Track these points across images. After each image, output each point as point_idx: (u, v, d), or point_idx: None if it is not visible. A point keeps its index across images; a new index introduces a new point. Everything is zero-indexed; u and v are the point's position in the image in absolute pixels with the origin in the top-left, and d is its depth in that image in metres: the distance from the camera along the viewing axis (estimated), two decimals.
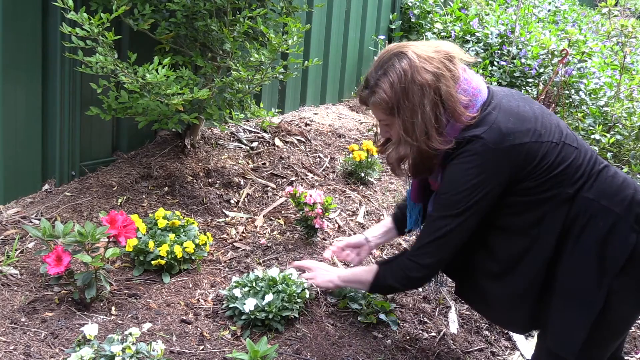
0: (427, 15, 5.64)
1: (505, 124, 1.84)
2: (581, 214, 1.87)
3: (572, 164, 1.87)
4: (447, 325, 2.73)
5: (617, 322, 1.90)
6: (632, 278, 1.84)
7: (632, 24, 4.79)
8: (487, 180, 1.84)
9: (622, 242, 1.82)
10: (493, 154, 1.82)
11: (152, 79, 2.61)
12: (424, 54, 1.84)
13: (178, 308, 2.46)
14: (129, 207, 3.03)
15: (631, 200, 1.84)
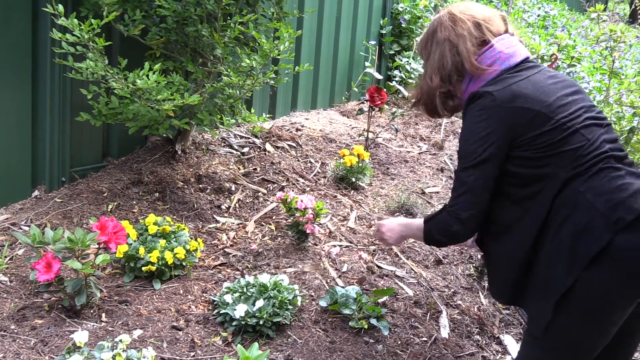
0: (418, 20, 5.66)
1: (521, 88, 1.96)
2: (568, 203, 1.89)
3: (574, 151, 1.90)
4: (439, 330, 2.74)
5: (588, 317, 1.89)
6: (600, 275, 1.84)
7: (620, 28, 4.82)
8: (494, 132, 1.95)
9: (594, 238, 1.83)
10: (500, 109, 1.95)
11: (143, 84, 2.60)
12: (458, 16, 2.12)
13: (169, 314, 2.45)
14: (119, 213, 3.02)
15: (619, 203, 1.84)
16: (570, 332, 1.91)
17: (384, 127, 4.64)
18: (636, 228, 1.81)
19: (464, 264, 3.34)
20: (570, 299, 1.87)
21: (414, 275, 3.07)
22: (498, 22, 2.15)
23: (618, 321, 1.89)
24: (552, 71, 2.10)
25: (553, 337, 1.94)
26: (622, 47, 4.86)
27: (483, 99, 1.98)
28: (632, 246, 1.81)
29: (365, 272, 2.96)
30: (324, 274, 2.86)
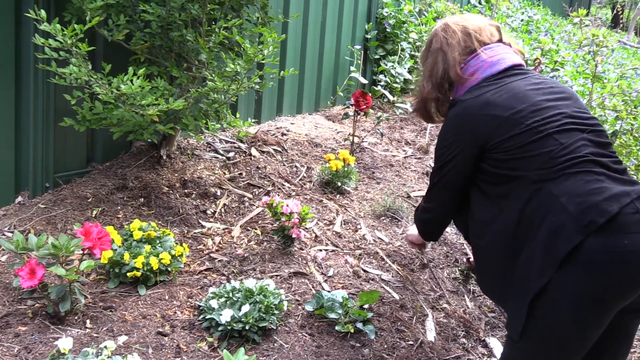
0: (402, 25, 5.68)
1: (493, 96, 2.06)
2: (542, 205, 1.91)
3: (545, 155, 1.93)
4: (425, 334, 2.74)
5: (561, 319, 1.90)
6: (571, 277, 1.85)
7: (603, 33, 4.86)
8: (462, 139, 2.08)
9: (565, 240, 1.84)
10: (470, 117, 2.07)
11: (127, 89, 2.59)
12: (451, 27, 2.27)
13: (154, 320, 2.44)
14: (104, 219, 3.00)
15: (592, 205, 1.84)
16: (545, 334, 1.93)
17: (369, 132, 4.65)
18: (608, 231, 1.82)
19: (450, 267, 3.36)
20: (544, 301, 1.89)
21: (399, 279, 3.08)
22: (490, 32, 2.26)
23: (596, 324, 1.89)
24: (540, 78, 2.15)
25: (530, 339, 1.95)
26: (604, 51, 4.91)
27: (456, 107, 2.13)
28: (603, 249, 1.82)
29: (352, 276, 2.96)
30: (310, 278, 2.86)
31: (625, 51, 8.90)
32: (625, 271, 1.83)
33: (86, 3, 2.74)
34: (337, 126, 4.76)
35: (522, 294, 1.93)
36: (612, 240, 1.82)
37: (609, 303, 1.87)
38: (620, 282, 1.84)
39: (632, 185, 1.92)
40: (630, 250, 1.82)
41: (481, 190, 2.10)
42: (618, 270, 1.83)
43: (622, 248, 1.81)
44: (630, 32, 10.29)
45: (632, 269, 1.83)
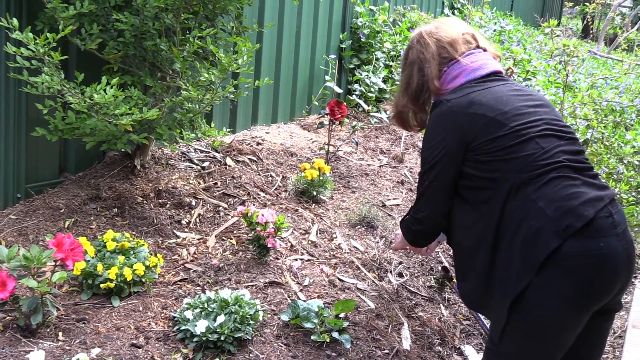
0: (377, 35, 5.72)
1: (479, 97, 2.08)
2: (520, 210, 1.94)
3: (526, 158, 1.96)
4: (400, 342, 2.75)
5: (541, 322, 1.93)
6: (550, 281, 1.88)
7: (573, 43, 4.95)
8: (447, 138, 2.07)
9: (543, 243, 1.87)
10: (455, 115, 2.07)
11: (100, 99, 2.57)
12: (426, 40, 2.27)
13: (128, 332, 2.41)
14: (77, 230, 2.97)
15: (569, 210, 1.88)
16: (524, 338, 1.95)
17: (344, 141, 4.66)
18: (585, 235, 1.86)
19: (425, 275, 3.37)
20: (523, 304, 1.91)
21: (375, 287, 3.08)
22: (465, 41, 2.28)
23: (574, 326, 1.93)
24: (519, 85, 2.20)
25: (510, 342, 1.98)
26: (575, 61, 4.99)
27: (441, 106, 2.12)
28: (581, 252, 1.86)
29: (327, 286, 2.96)
30: (285, 288, 2.86)
31: (596, 61, 9.05)
32: (602, 273, 1.89)
33: (59, 12, 2.71)
34: (313, 135, 4.77)
35: (501, 297, 1.96)
36: (589, 244, 1.87)
37: (587, 305, 1.92)
38: (598, 284, 1.89)
39: (604, 190, 1.98)
40: (605, 252, 1.87)
41: (461, 197, 2.11)
42: (595, 272, 1.88)
43: (598, 251, 1.87)
44: (600, 42, 10.46)
45: (608, 271, 1.89)
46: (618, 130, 5.13)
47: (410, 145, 5.05)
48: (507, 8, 11.73)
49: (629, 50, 10.91)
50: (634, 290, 4.02)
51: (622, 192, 4.40)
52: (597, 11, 13.18)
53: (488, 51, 2.29)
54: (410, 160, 4.75)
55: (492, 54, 2.30)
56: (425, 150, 2.15)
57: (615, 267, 1.90)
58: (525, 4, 13.54)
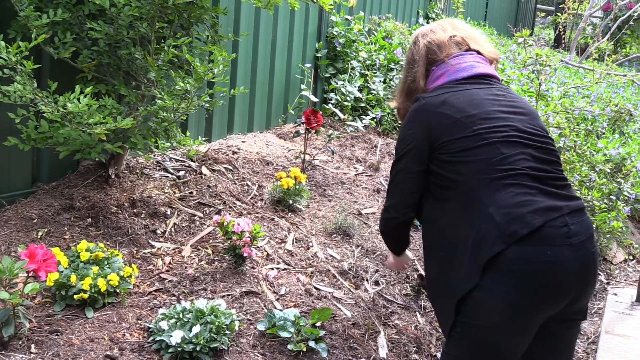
0: (352, 44, 5.75)
1: (451, 97, 2.15)
2: (474, 213, 1.97)
3: (485, 162, 2.00)
4: (377, 351, 2.75)
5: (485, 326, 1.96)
6: (493, 285, 1.91)
7: (546, 53, 5.02)
8: (417, 132, 2.15)
9: (487, 248, 1.91)
10: (426, 112, 2.15)
11: (74, 108, 2.55)
12: (420, 42, 2.37)
13: (102, 343, 2.38)
14: (50, 240, 2.93)
15: (517, 217, 1.90)
16: (471, 339, 1.99)
17: (320, 149, 4.67)
18: (530, 242, 1.89)
19: (401, 283, 3.38)
20: (469, 306, 1.96)
21: (352, 296, 3.08)
22: (456, 44, 2.33)
23: (520, 331, 1.96)
24: (504, 90, 2.22)
25: (457, 345, 2.02)
26: (547, 70, 5.06)
27: (417, 103, 2.21)
28: (524, 259, 1.89)
29: (304, 295, 2.95)
30: (262, 297, 2.85)
31: (568, 70, 9.18)
32: (547, 281, 1.91)
33: (32, 20, 2.69)
34: (289, 144, 4.77)
35: (449, 298, 2.01)
36: (532, 251, 1.90)
37: (530, 312, 1.94)
38: (540, 291, 1.92)
39: (568, 200, 1.99)
40: (552, 261, 1.90)
41: (430, 192, 2.17)
42: (539, 279, 1.90)
43: (543, 259, 1.89)
44: (572, 52, 10.63)
45: (554, 280, 1.91)
46: (590, 139, 5.20)
47: (386, 153, 5.07)
48: (480, 18, 11.87)
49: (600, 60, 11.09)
50: (607, 297, 4.07)
51: (595, 200, 4.46)
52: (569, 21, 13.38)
53: (482, 54, 2.33)
54: (386, 169, 4.77)
55: (486, 56, 2.33)
56: (398, 141, 2.25)
57: (562, 276, 1.91)
58: (499, 14, 13.71)
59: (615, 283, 4.45)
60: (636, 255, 4.95)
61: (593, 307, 4.03)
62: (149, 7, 2.90)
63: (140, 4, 2.86)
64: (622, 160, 5.19)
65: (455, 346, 2.04)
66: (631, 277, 4.59)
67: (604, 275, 4.53)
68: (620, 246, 4.91)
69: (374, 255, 3.52)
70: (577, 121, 5.29)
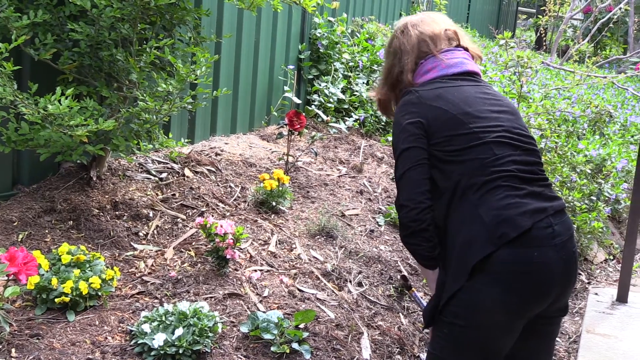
0: (335, 45, 5.76)
1: (447, 93, 2.10)
2: (463, 214, 1.98)
3: (478, 161, 1.98)
4: (360, 352, 2.76)
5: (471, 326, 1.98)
6: (481, 286, 1.93)
7: (527, 55, 5.05)
8: (415, 123, 2.07)
9: (477, 249, 1.92)
10: (421, 105, 2.09)
11: (55, 110, 2.53)
12: (410, 31, 2.27)
13: (84, 347, 2.37)
14: (30, 243, 2.90)
15: (506, 219, 1.92)
16: (457, 338, 2.00)
17: (303, 151, 4.67)
18: (518, 244, 1.91)
19: (384, 284, 3.39)
20: (455, 307, 1.97)
21: (335, 297, 3.09)
22: (447, 38, 2.28)
23: (507, 333, 1.98)
24: (491, 89, 2.21)
25: (443, 344, 2.04)
26: (529, 72, 5.10)
27: (409, 95, 2.14)
28: (512, 260, 1.91)
29: (287, 296, 2.95)
30: (245, 299, 2.84)
31: (549, 72, 9.26)
32: (533, 282, 1.93)
33: (12, 21, 2.67)
34: (272, 146, 4.76)
35: (438, 294, 2.04)
36: (521, 253, 1.91)
37: (518, 312, 1.96)
38: (528, 292, 1.94)
39: (552, 201, 2.01)
40: (538, 262, 1.92)
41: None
42: (526, 281, 1.92)
43: (530, 260, 1.92)
44: (553, 54, 10.72)
45: (540, 280, 1.94)
46: (571, 140, 5.25)
47: (369, 155, 5.08)
48: (463, 20, 11.94)
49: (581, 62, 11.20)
50: (588, 296, 4.11)
51: (575, 200, 4.50)
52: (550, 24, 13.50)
53: (469, 50, 2.31)
54: (369, 170, 4.78)
55: (472, 53, 2.31)
56: (394, 136, 2.13)
57: (548, 277, 1.94)
58: (481, 16, 13.80)
59: (596, 283, 4.49)
60: (616, 255, 5.00)
61: (574, 307, 4.07)
62: (131, 9, 2.88)
63: (122, 5, 2.84)
64: (603, 161, 5.25)
65: (440, 346, 2.05)
66: (612, 277, 4.64)
67: (585, 275, 4.57)
68: (601, 246, 4.96)
69: (357, 256, 3.53)
70: (558, 122, 5.34)
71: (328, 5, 5.63)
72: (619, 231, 5.40)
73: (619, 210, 5.34)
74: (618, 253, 5.00)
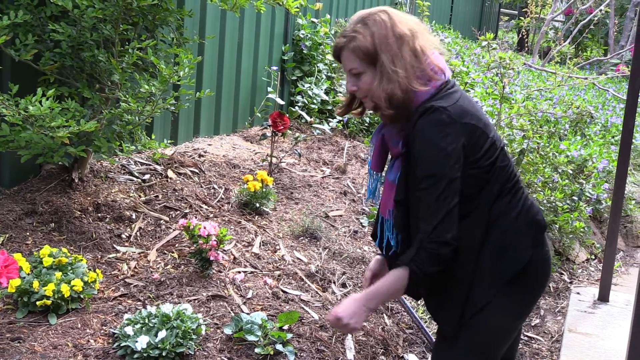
0: (319, 46, 5.76)
1: (466, 106, 1.90)
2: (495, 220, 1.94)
3: (505, 169, 1.96)
4: (344, 353, 2.76)
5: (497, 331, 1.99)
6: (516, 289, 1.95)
7: (509, 56, 5.08)
8: (457, 149, 1.84)
9: (517, 256, 1.93)
10: (458, 125, 1.84)
11: (36, 111, 2.51)
12: (401, 14, 1.93)
13: (66, 350, 2.35)
14: (11, 246, 2.87)
15: (534, 221, 1.98)
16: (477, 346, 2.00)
17: (287, 152, 4.67)
18: (542, 244, 1.99)
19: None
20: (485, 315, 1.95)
21: (319, 299, 3.09)
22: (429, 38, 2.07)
23: (515, 331, 2.08)
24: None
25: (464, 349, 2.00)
26: (511, 73, 5.13)
27: (438, 114, 1.85)
28: (541, 260, 1.98)
29: (271, 298, 2.94)
30: (228, 301, 2.83)
31: (531, 73, 9.32)
32: (545, 279, 2.03)
33: None
34: (255, 147, 4.76)
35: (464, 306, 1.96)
36: (544, 252, 2.00)
37: (528, 312, 2.05)
38: (541, 290, 2.03)
39: None
40: (549, 257, 2.03)
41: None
42: (542, 279, 2.02)
43: (549, 257, 2.02)
44: (535, 55, 10.79)
45: (548, 276, 2.04)
46: (552, 140, 5.30)
47: (353, 156, 5.09)
48: (445, 21, 12.00)
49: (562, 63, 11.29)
50: (570, 296, 4.14)
51: (557, 200, 4.54)
52: (532, 25, 13.59)
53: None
54: (353, 171, 4.79)
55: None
56: (434, 159, 1.85)
57: (550, 271, 2.05)
58: (463, 17, 13.87)
59: (578, 282, 4.53)
60: (598, 254, 5.05)
61: (556, 306, 4.10)
62: (113, 9, 2.87)
63: (103, 5, 2.83)
64: (584, 161, 5.30)
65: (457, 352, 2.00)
66: (593, 277, 4.68)
67: (567, 274, 4.60)
68: (583, 246, 5.00)
69: (341, 257, 3.53)
70: (540, 123, 5.38)
71: (311, 6, 5.65)
72: (600, 231, 5.45)
73: (600, 210, 5.40)
74: (599, 253, 5.04)
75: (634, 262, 5.12)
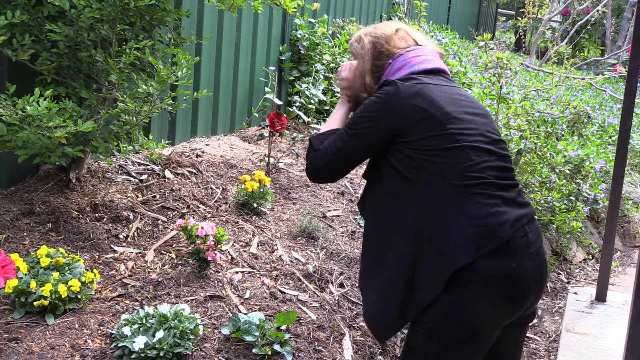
0: (316, 47, 5.76)
1: (427, 89, 2.02)
2: (438, 218, 1.92)
3: (454, 166, 1.92)
4: (342, 353, 2.76)
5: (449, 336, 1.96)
6: (458, 296, 1.90)
7: (506, 56, 5.09)
8: (382, 117, 2.03)
9: (455, 259, 1.88)
10: (397, 100, 2.02)
11: (33, 111, 2.51)
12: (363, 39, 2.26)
13: (63, 350, 2.35)
14: (8, 246, 2.87)
15: (487, 230, 1.88)
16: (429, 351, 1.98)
17: (285, 152, 4.67)
18: (498, 255, 1.89)
19: None
20: (434, 316, 1.93)
21: (317, 299, 3.09)
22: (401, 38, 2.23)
23: (485, 342, 1.97)
24: (463, 90, 2.16)
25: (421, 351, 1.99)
26: (508, 73, 5.13)
27: (389, 86, 2.06)
28: (492, 271, 1.89)
29: (268, 298, 2.94)
30: (226, 301, 2.83)
31: (528, 73, 9.34)
32: (512, 292, 1.92)
33: None
34: (253, 147, 4.76)
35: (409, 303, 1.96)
36: (501, 263, 1.89)
37: (494, 323, 1.95)
38: (505, 302, 1.93)
39: (525, 207, 2.00)
40: (516, 273, 1.91)
41: (381, 184, 2.08)
42: (505, 291, 1.91)
43: (509, 271, 1.90)
44: (532, 56, 10.81)
45: (518, 291, 1.93)
46: (550, 141, 5.30)
47: None
48: (443, 22, 12.01)
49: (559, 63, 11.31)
50: (567, 296, 4.15)
51: (555, 200, 4.54)
52: (529, 25, 13.62)
53: (431, 49, 2.23)
54: (350, 172, 4.78)
55: (435, 51, 2.24)
56: (357, 115, 2.11)
57: (525, 286, 1.94)
58: (461, 18, 13.89)
59: (576, 282, 4.54)
60: (595, 254, 5.05)
61: (554, 306, 4.10)
62: (110, 9, 2.86)
63: (101, 5, 2.82)
64: (581, 161, 5.30)
65: (415, 358, 2.02)
66: (590, 276, 4.68)
67: (564, 274, 4.61)
68: (580, 246, 5.01)
69: (338, 257, 3.53)
70: (538, 123, 5.38)
71: (309, 6, 5.65)
72: (598, 231, 5.46)
73: (598, 211, 5.41)
74: (597, 253, 5.05)
75: (631, 262, 5.13)
